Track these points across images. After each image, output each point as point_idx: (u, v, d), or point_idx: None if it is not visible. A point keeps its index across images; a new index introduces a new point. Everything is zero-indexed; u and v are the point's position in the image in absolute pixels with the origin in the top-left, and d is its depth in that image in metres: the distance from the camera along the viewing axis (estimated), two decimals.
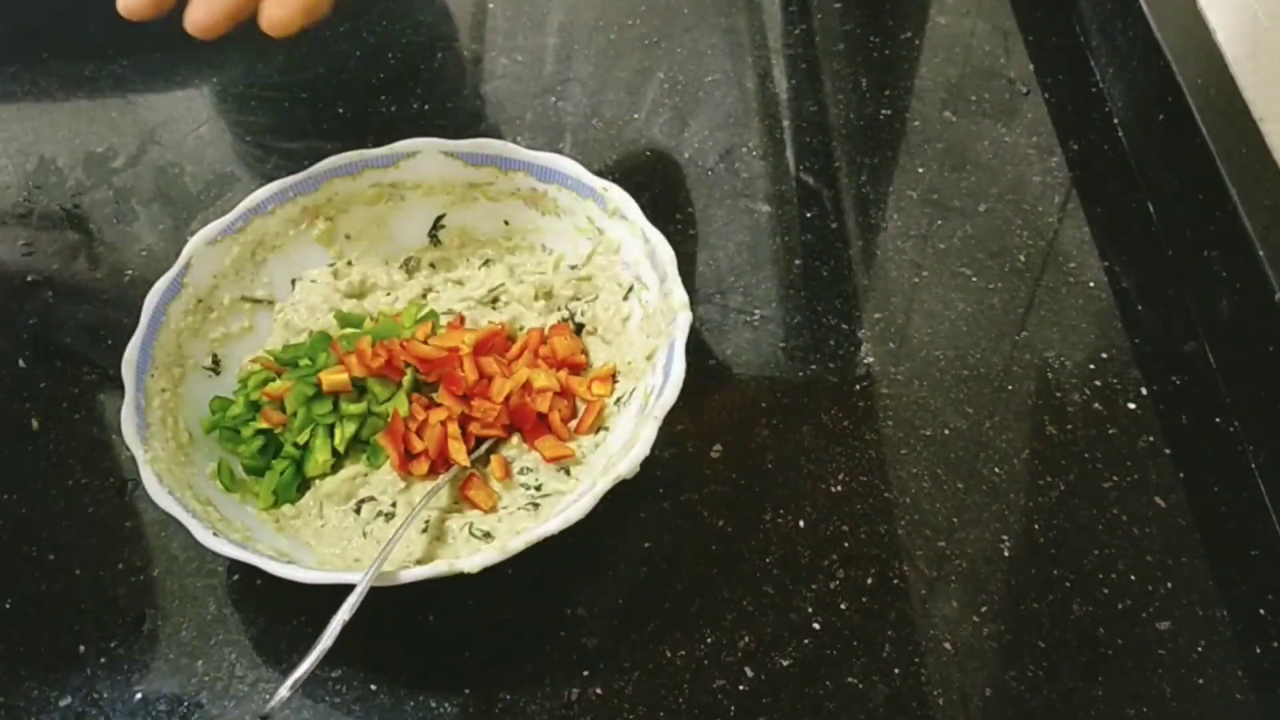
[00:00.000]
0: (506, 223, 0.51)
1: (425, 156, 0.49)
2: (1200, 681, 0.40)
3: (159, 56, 0.66)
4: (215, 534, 0.38)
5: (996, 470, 0.46)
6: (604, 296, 0.49)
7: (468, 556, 0.38)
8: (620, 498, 0.45)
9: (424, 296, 0.51)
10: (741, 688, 0.40)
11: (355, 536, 0.42)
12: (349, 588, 0.37)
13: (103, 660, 0.41)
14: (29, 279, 0.54)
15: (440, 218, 0.51)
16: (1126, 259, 0.54)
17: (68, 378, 0.50)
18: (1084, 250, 0.54)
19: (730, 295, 0.53)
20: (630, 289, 0.47)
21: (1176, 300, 0.52)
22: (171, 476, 0.40)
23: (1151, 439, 0.47)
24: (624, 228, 0.47)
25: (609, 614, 0.42)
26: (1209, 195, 0.50)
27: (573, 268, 0.50)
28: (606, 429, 0.45)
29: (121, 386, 0.42)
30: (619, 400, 0.46)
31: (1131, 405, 0.48)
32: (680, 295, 0.44)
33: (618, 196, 0.47)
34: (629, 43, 0.66)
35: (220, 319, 0.47)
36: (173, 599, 0.42)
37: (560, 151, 0.59)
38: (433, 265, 0.52)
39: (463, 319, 0.49)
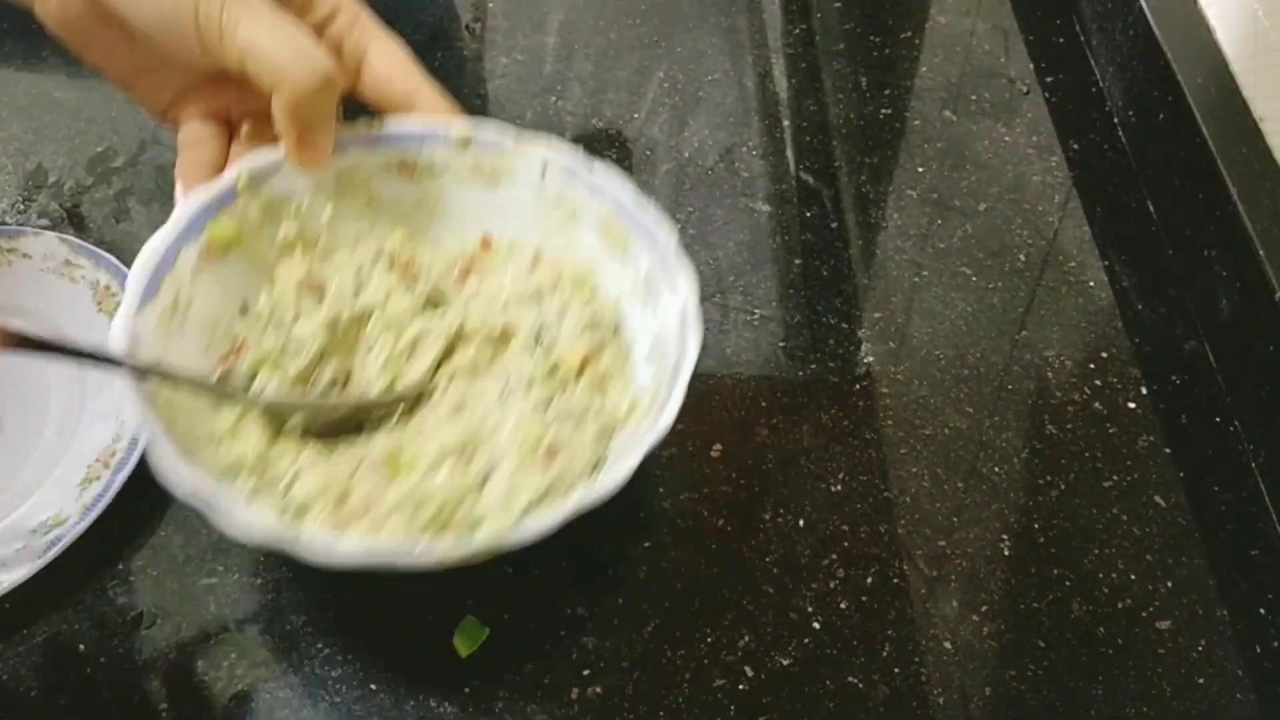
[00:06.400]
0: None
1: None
2: (1200, 681, 0.40)
3: None
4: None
5: (996, 470, 0.46)
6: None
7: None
8: (619, 497, 0.45)
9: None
10: (741, 687, 0.40)
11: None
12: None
13: (103, 660, 0.41)
14: None
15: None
16: (1126, 259, 0.54)
17: None
18: (1084, 250, 0.54)
19: (730, 295, 0.53)
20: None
21: (1176, 300, 0.52)
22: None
23: (1151, 439, 0.47)
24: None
25: (609, 614, 0.42)
26: (1209, 195, 0.50)
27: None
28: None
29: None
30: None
31: (1131, 405, 0.48)
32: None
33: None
34: (629, 43, 0.66)
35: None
36: (173, 599, 0.42)
37: None
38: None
39: None
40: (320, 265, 0.46)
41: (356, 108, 0.46)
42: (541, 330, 0.45)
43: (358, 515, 0.39)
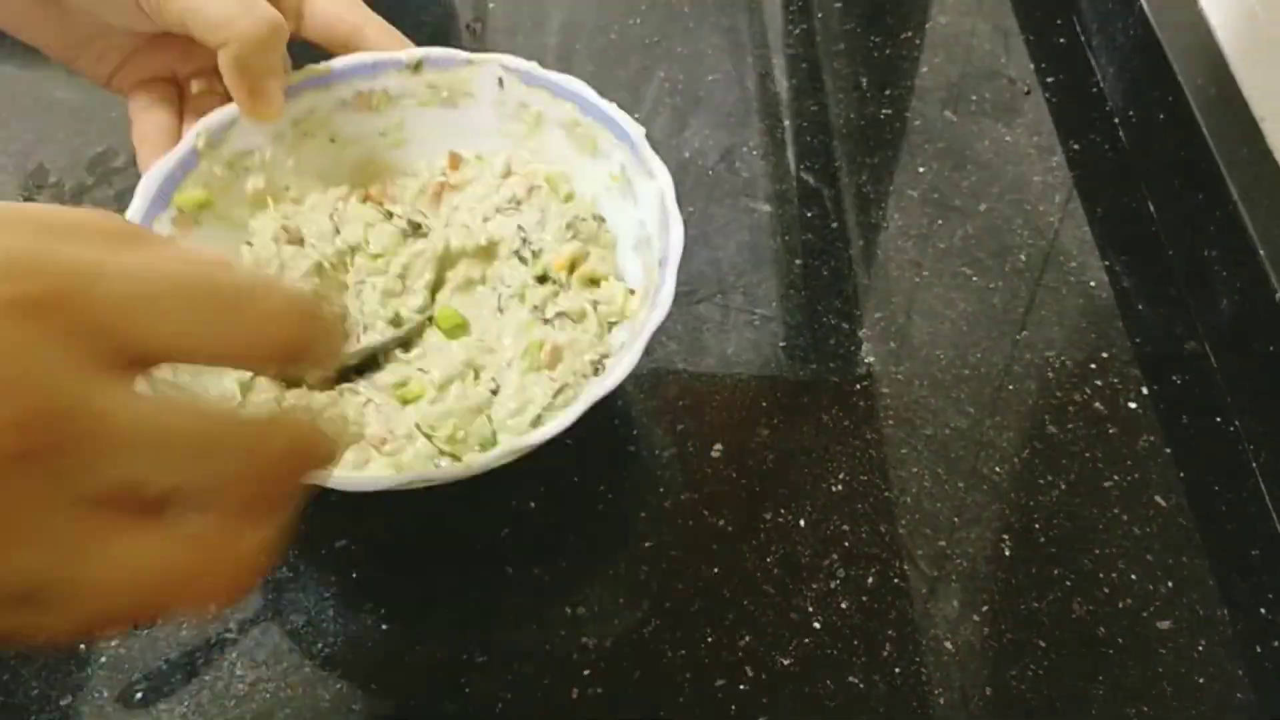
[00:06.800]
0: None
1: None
2: (1200, 681, 0.40)
3: None
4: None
5: (997, 470, 0.46)
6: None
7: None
8: (620, 497, 0.45)
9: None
10: (742, 687, 0.40)
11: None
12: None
13: (103, 660, 0.41)
14: None
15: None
16: (1126, 259, 0.54)
17: None
18: (1084, 250, 0.54)
19: (730, 295, 0.53)
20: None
21: (1176, 300, 0.52)
22: None
23: (1151, 439, 0.47)
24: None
25: (609, 614, 0.42)
26: (1209, 195, 0.50)
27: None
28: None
29: None
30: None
31: (1132, 405, 0.48)
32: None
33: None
34: (629, 43, 0.66)
35: None
36: None
37: None
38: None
39: None
40: (294, 212, 0.46)
41: (304, 53, 0.46)
42: (525, 238, 0.45)
43: (377, 446, 0.40)
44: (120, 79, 0.47)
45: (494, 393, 0.41)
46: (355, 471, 0.39)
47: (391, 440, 0.39)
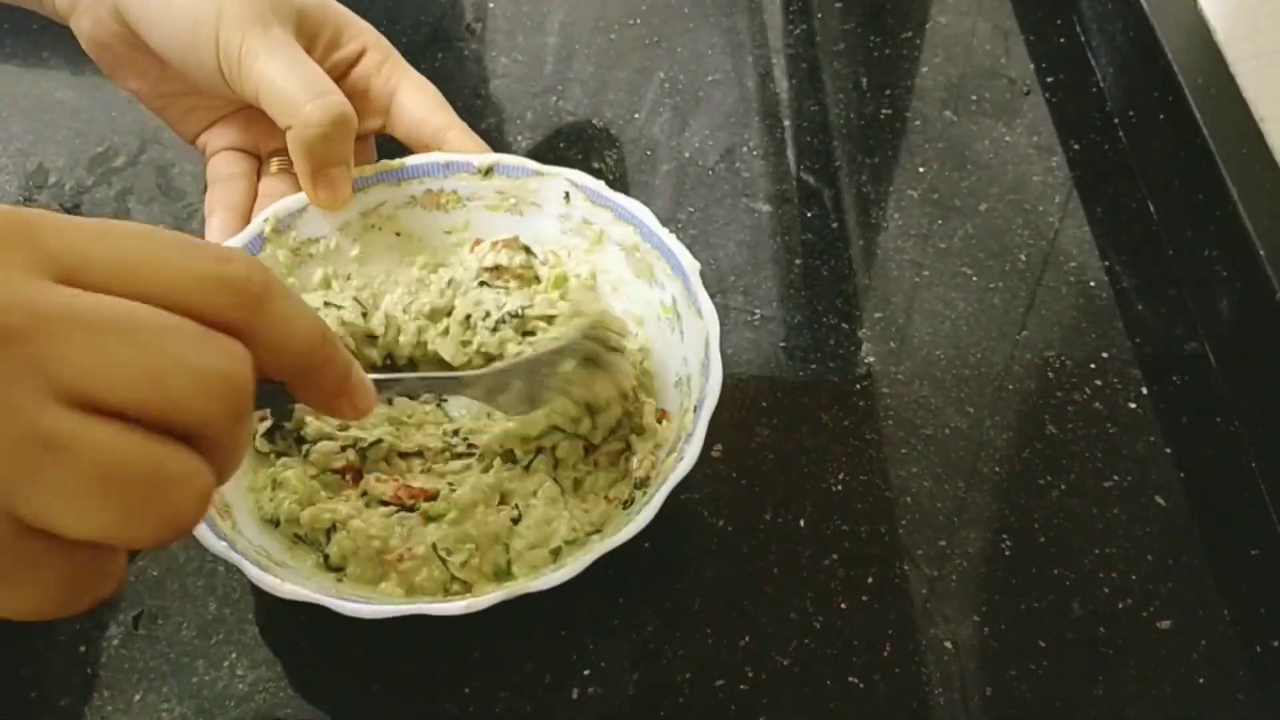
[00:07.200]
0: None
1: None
2: (1200, 681, 0.40)
3: None
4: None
5: (997, 470, 0.46)
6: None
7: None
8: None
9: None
10: (742, 687, 0.40)
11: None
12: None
13: (103, 660, 0.41)
14: None
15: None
16: (1126, 259, 0.54)
17: None
18: (1084, 250, 0.54)
19: (730, 295, 0.53)
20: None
21: (1176, 300, 0.52)
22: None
23: (1152, 439, 0.47)
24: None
25: (609, 614, 0.42)
26: (1209, 195, 0.50)
27: None
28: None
29: None
30: None
31: (1132, 405, 0.48)
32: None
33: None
34: (629, 43, 0.66)
35: None
36: (173, 599, 0.42)
37: (558, 150, 0.60)
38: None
39: None
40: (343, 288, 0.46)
41: (390, 149, 0.47)
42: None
43: (393, 564, 0.39)
44: (205, 140, 0.48)
45: (515, 521, 0.41)
46: (368, 589, 0.39)
47: (408, 559, 0.39)
